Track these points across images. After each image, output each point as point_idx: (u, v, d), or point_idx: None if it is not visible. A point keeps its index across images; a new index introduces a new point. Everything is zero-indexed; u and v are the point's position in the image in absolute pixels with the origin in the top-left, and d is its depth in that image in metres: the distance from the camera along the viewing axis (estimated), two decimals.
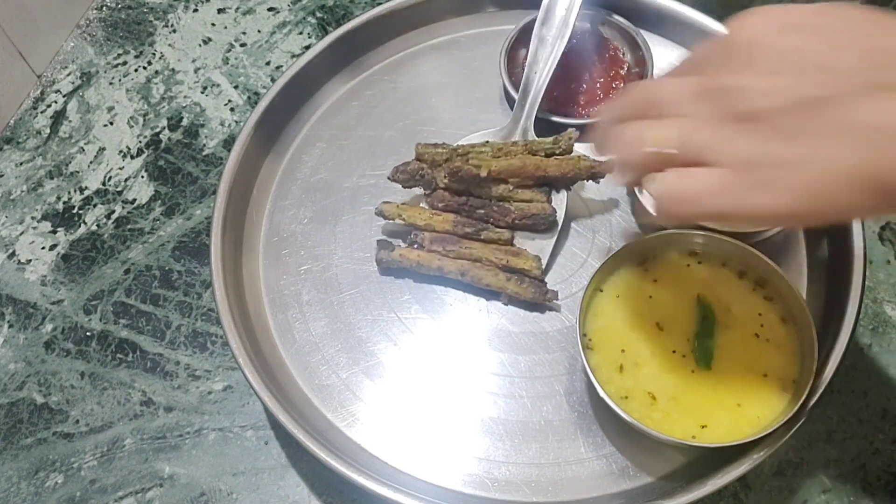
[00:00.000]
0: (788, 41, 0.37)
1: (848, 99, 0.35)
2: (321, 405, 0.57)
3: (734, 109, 0.38)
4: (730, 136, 0.38)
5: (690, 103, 0.39)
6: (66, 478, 0.58)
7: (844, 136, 0.35)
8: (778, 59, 0.37)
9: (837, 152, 0.35)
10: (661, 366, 0.53)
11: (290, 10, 0.77)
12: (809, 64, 0.36)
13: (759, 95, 0.37)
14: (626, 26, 0.68)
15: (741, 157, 0.37)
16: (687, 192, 0.39)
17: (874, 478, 0.56)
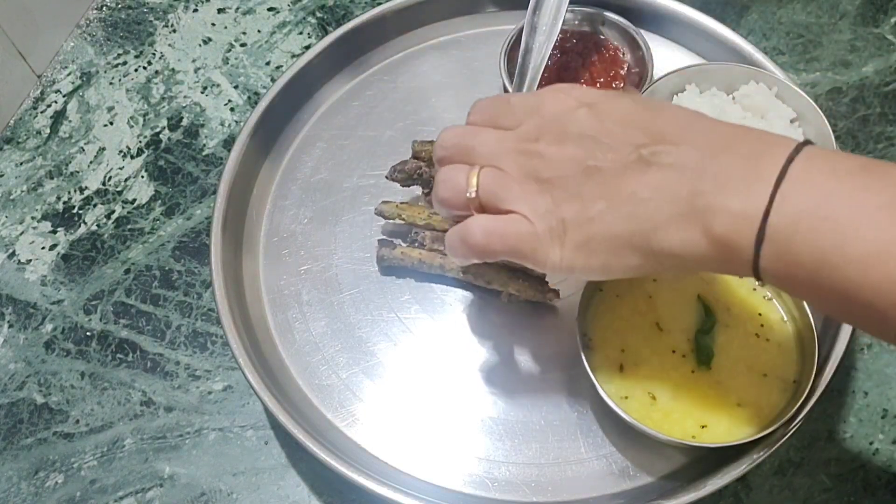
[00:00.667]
0: (585, 118, 0.43)
1: (623, 171, 0.42)
2: (321, 405, 0.57)
3: (539, 173, 0.44)
4: (532, 194, 0.44)
5: (505, 159, 0.45)
6: (66, 478, 0.58)
7: (622, 203, 0.42)
8: (576, 132, 0.43)
9: (614, 218, 0.42)
10: (661, 366, 0.53)
11: (290, 10, 0.77)
12: (598, 138, 0.42)
13: (556, 164, 0.43)
14: (626, 26, 0.68)
15: (539, 212, 0.44)
16: (501, 233, 0.45)
17: (874, 478, 0.56)
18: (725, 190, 0.39)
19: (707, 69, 0.64)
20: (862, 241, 0.36)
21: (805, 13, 0.75)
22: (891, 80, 0.71)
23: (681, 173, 0.40)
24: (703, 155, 0.40)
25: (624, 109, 0.43)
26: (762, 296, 0.55)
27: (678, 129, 0.42)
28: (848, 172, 0.37)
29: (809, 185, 0.37)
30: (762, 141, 0.40)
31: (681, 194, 0.40)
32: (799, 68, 0.72)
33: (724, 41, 0.67)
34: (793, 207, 0.37)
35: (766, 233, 0.38)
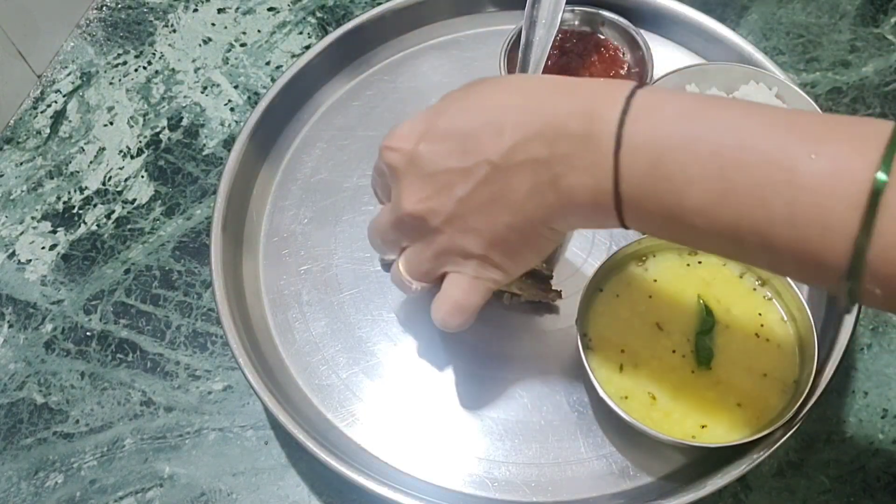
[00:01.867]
0: (426, 152, 0.44)
1: (490, 184, 0.43)
2: (321, 405, 0.57)
3: (427, 227, 0.46)
4: (440, 247, 0.46)
5: (400, 235, 0.48)
6: (66, 478, 0.58)
7: (512, 211, 0.43)
8: (424, 173, 0.44)
9: (515, 225, 0.44)
10: (661, 366, 0.53)
11: (290, 10, 0.77)
12: (449, 168, 0.44)
13: (433, 210, 0.45)
14: (626, 26, 0.68)
15: (459, 260, 0.46)
16: (454, 305, 0.47)
17: (874, 478, 0.56)
18: (576, 168, 0.41)
19: (707, 69, 0.64)
20: (697, 194, 0.38)
21: (805, 13, 0.75)
22: (891, 80, 0.71)
23: (535, 165, 0.42)
24: (545, 136, 0.41)
25: (456, 119, 0.44)
26: (762, 296, 0.55)
27: (512, 115, 0.42)
28: (674, 122, 0.39)
29: (643, 150, 0.39)
30: (592, 101, 0.41)
31: (544, 182, 0.42)
32: (799, 68, 0.72)
33: (724, 41, 0.67)
34: (633, 172, 0.39)
35: (621, 198, 0.40)
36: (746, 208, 0.37)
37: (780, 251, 0.37)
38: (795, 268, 0.38)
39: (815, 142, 0.36)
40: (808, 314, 0.53)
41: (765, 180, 0.36)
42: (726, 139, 0.37)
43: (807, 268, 0.37)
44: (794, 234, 0.36)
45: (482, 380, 0.57)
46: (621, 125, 0.39)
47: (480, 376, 0.57)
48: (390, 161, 0.46)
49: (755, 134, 0.37)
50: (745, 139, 0.37)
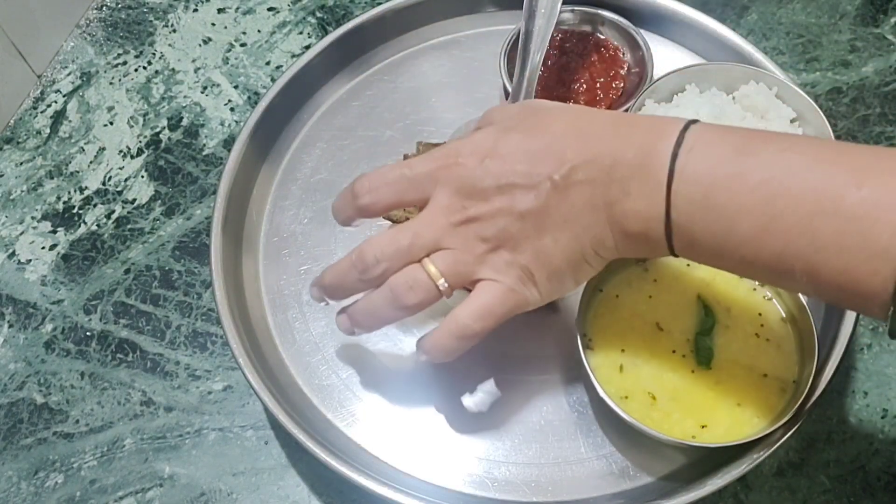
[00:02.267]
0: (494, 168, 0.46)
1: (548, 202, 0.45)
2: (321, 405, 0.57)
3: (482, 235, 0.46)
4: (487, 256, 0.47)
5: (446, 238, 0.47)
6: (66, 478, 0.58)
7: (562, 230, 0.45)
8: (490, 186, 0.46)
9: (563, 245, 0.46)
10: (661, 366, 0.53)
11: (290, 10, 0.77)
12: (514, 183, 0.45)
13: (491, 221, 0.46)
14: (626, 26, 0.68)
15: (501, 269, 0.47)
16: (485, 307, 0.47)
17: (874, 478, 0.56)
18: (631, 195, 0.43)
19: (707, 69, 0.64)
20: (746, 224, 0.40)
21: (805, 13, 0.75)
22: (891, 80, 0.71)
23: (593, 187, 0.44)
24: (602, 162, 0.44)
25: (520, 142, 0.46)
26: (762, 296, 0.55)
27: (573, 140, 0.45)
28: (725, 155, 0.41)
29: (694, 180, 0.42)
30: (648, 135, 0.44)
31: (599, 204, 0.44)
32: (799, 68, 0.72)
33: (724, 41, 0.67)
34: (685, 202, 0.42)
35: (672, 228, 0.43)
36: (793, 237, 0.39)
37: (825, 279, 0.39)
38: (840, 295, 0.40)
39: (860, 173, 0.38)
40: (808, 314, 0.53)
41: (811, 209, 0.39)
42: (774, 170, 0.40)
43: (851, 295, 0.39)
44: (840, 263, 0.38)
45: (482, 380, 0.57)
46: (675, 157, 0.42)
47: (480, 376, 0.57)
48: (457, 172, 0.46)
49: (802, 165, 0.40)
50: (792, 170, 0.40)
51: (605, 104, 0.66)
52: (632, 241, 0.45)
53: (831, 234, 0.38)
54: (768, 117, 0.61)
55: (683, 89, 0.63)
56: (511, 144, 0.46)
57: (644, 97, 0.63)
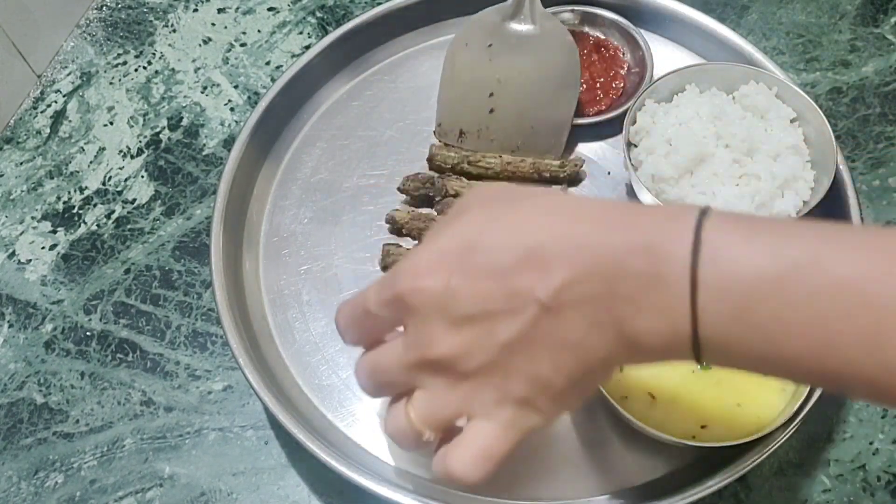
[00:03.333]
0: (460, 292, 0.38)
1: (537, 327, 0.38)
2: (321, 405, 0.57)
3: (462, 371, 0.39)
4: (472, 393, 0.40)
5: (420, 379, 0.41)
6: (66, 478, 0.58)
7: (561, 355, 0.38)
8: (459, 315, 0.38)
9: (564, 369, 0.38)
10: (661, 366, 0.53)
11: (290, 10, 0.77)
12: (487, 311, 0.38)
13: (468, 356, 0.39)
14: (626, 26, 0.68)
15: (492, 406, 0.40)
16: (481, 453, 0.40)
17: (874, 478, 0.56)
18: (643, 310, 0.36)
19: (707, 69, 0.64)
20: (795, 343, 0.35)
21: (805, 13, 0.75)
22: (891, 80, 0.71)
23: (593, 304, 0.37)
24: (602, 274, 0.37)
25: (491, 254, 0.38)
26: None
27: (558, 246, 0.37)
28: (757, 262, 0.35)
29: (726, 295, 0.35)
30: (653, 233, 0.37)
31: (605, 322, 0.37)
32: (799, 68, 0.72)
33: (724, 41, 0.67)
34: (717, 318, 0.35)
35: (700, 345, 0.36)
36: (853, 356, 0.34)
37: (890, 393, 0.34)
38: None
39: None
40: None
41: (874, 328, 0.33)
42: (822, 280, 0.34)
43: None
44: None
45: None
46: (695, 266, 0.35)
47: None
48: (416, 302, 0.39)
49: (855, 273, 0.34)
50: (847, 280, 0.34)
51: (605, 104, 0.66)
52: (649, 355, 0.38)
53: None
54: (768, 117, 0.61)
55: (683, 89, 0.63)
56: (480, 259, 0.38)
57: (644, 97, 0.63)
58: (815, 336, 0.34)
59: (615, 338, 0.37)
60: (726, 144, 0.59)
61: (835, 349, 0.34)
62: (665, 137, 0.60)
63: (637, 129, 0.62)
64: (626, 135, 0.61)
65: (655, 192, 0.59)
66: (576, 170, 0.63)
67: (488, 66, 0.64)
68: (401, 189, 0.63)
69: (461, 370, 0.39)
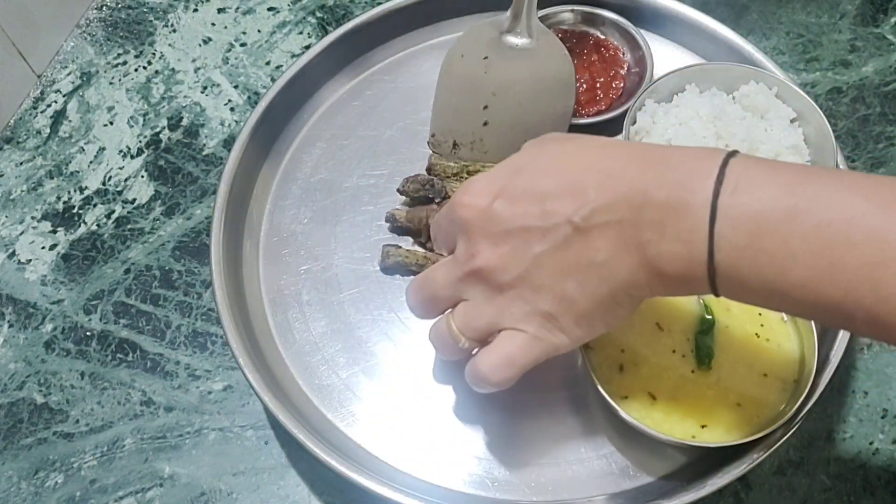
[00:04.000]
0: (502, 211, 0.43)
1: (567, 245, 0.42)
2: (321, 405, 0.57)
3: (497, 283, 0.44)
4: (504, 305, 0.44)
5: (463, 288, 0.46)
6: (66, 478, 0.58)
7: (587, 273, 0.42)
8: (500, 230, 0.43)
9: (589, 288, 0.42)
10: (661, 366, 0.53)
11: (290, 9, 0.77)
12: (526, 226, 0.43)
13: (503, 269, 0.43)
14: (626, 26, 0.68)
15: (521, 317, 0.44)
16: (504, 358, 0.45)
17: (874, 478, 0.56)
18: (666, 236, 0.40)
19: (707, 69, 0.64)
20: (800, 270, 0.37)
21: (805, 13, 0.75)
22: (891, 80, 0.71)
23: (620, 228, 0.41)
24: (631, 201, 0.40)
25: (534, 180, 0.43)
26: None
27: (595, 177, 0.42)
28: (773, 194, 0.38)
29: (741, 223, 0.38)
30: (682, 170, 0.40)
31: (630, 246, 0.41)
32: (799, 68, 0.72)
33: (724, 41, 0.67)
34: (731, 245, 0.38)
35: (715, 270, 0.39)
36: (853, 285, 0.36)
37: (888, 326, 0.37)
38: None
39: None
40: None
41: (874, 259, 0.36)
42: (831, 214, 0.37)
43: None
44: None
45: None
46: (716, 195, 0.38)
47: None
48: (463, 216, 0.44)
49: (863, 209, 0.37)
50: (851, 214, 0.37)
51: (605, 104, 0.66)
52: (669, 282, 0.41)
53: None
54: (768, 117, 0.61)
55: (683, 89, 0.63)
56: (523, 183, 0.43)
57: (644, 97, 0.63)
58: (818, 265, 0.37)
59: (639, 262, 0.41)
60: (726, 144, 0.59)
61: (837, 276, 0.37)
62: (665, 137, 0.60)
63: (637, 129, 0.62)
64: (626, 135, 0.61)
65: None
66: None
67: (483, 79, 0.64)
68: (400, 191, 0.63)
69: (498, 282, 0.44)
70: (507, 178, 0.44)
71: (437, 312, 0.49)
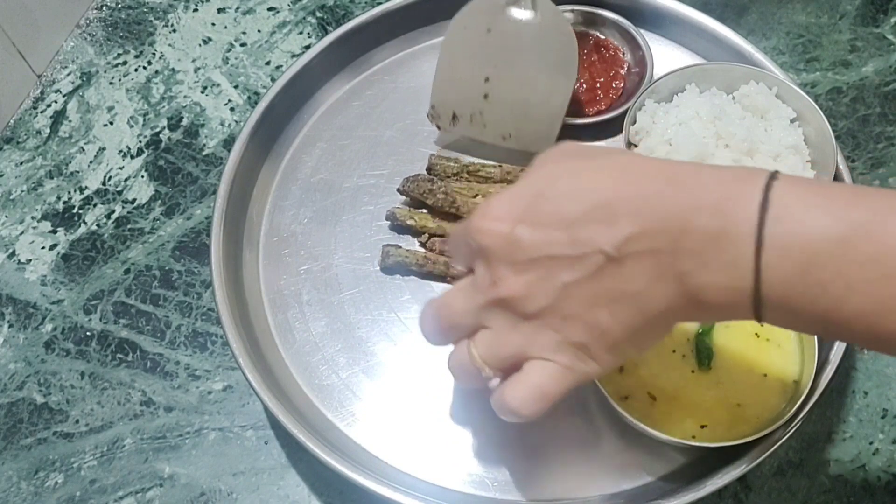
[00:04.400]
0: (527, 238, 0.40)
1: (600, 275, 0.39)
2: (321, 405, 0.57)
3: (523, 312, 0.41)
4: (532, 334, 0.41)
5: (485, 316, 0.43)
6: (66, 478, 0.58)
7: (620, 304, 0.39)
8: (524, 258, 0.40)
9: (622, 318, 0.40)
10: (661, 366, 0.53)
11: (290, 9, 0.77)
12: (553, 256, 0.40)
13: (529, 298, 0.40)
14: (626, 26, 0.68)
15: (550, 348, 0.41)
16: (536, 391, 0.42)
17: (874, 478, 0.56)
18: (708, 267, 0.37)
19: (707, 69, 0.64)
20: (857, 301, 0.35)
21: (805, 13, 0.75)
22: (891, 80, 0.71)
23: (657, 257, 0.38)
24: (668, 230, 0.38)
25: (558, 203, 0.40)
26: None
27: (626, 202, 0.39)
28: (824, 222, 0.36)
29: (790, 254, 0.36)
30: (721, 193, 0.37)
31: (668, 275, 0.38)
32: (799, 68, 0.72)
33: (724, 41, 0.67)
34: (780, 277, 0.36)
35: (761, 301, 0.37)
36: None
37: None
38: None
39: None
40: None
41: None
42: (889, 240, 0.35)
43: None
44: None
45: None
46: (762, 224, 0.36)
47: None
48: (483, 242, 0.41)
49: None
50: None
51: (605, 104, 0.66)
52: (709, 310, 0.39)
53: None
54: (768, 117, 0.61)
55: (683, 89, 0.63)
56: (547, 206, 0.40)
57: (644, 97, 0.63)
58: (876, 295, 0.35)
59: (677, 292, 0.38)
60: (726, 144, 0.59)
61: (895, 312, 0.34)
62: (665, 137, 0.60)
63: (637, 129, 0.62)
64: (626, 135, 0.61)
65: None
66: None
67: (485, 52, 0.63)
68: (400, 191, 0.63)
69: (523, 311, 0.41)
70: (529, 200, 0.41)
71: (454, 340, 0.46)
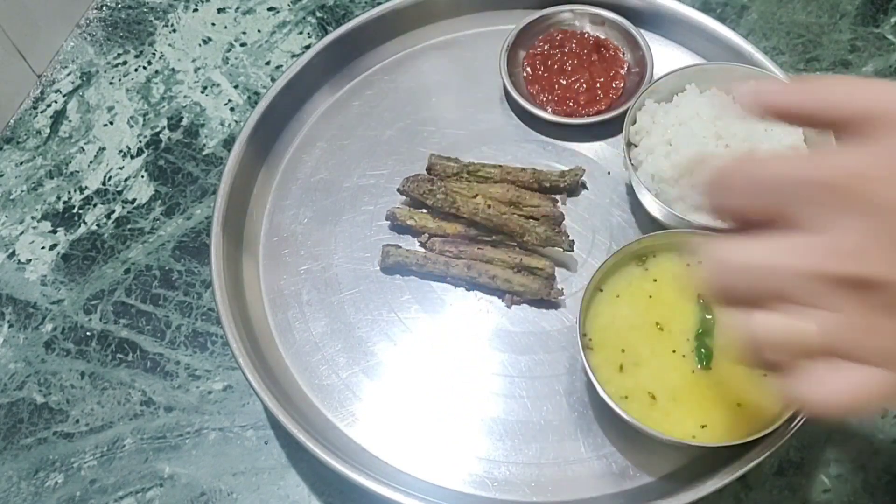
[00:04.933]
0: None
1: None
2: (321, 405, 0.57)
3: (880, 303, 0.31)
4: (886, 339, 0.31)
5: (823, 295, 0.32)
6: (66, 478, 0.58)
7: None
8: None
9: None
10: (661, 366, 0.53)
11: (290, 9, 0.77)
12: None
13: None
14: (626, 26, 0.68)
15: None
16: (854, 393, 0.32)
17: (874, 478, 0.56)
18: None
19: (707, 69, 0.64)
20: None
21: (805, 13, 0.75)
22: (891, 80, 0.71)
23: None
24: None
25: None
26: None
27: None
28: None
29: None
30: None
31: None
32: (799, 68, 0.72)
33: (724, 41, 0.67)
34: None
35: None
36: None
37: None
38: None
39: None
40: None
41: None
42: None
43: None
44: None
45: (482, 380, 0.57)
46: None
47: (480, 376, 0.57)
48: (866, 195, 0.30)
49: None
50: None
51: (605, 104, 0.66)
52: None
53: None
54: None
55: (683, 89, 0.63)
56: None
57: (644, 97, 0.63)
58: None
59: None
60: (726, 144, 0.59)
61: None
62: (665, 137, 0.60)
63: (637, 129, 0.62)
64: (626, 135, 0.61)
65: (655, 191, 0.59)
66: (576, 179, 0.63)
67: None
68: (400, 191, 0.63)
69: (888, 302, 0.31)
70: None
71: (746, 305, 0.35)
